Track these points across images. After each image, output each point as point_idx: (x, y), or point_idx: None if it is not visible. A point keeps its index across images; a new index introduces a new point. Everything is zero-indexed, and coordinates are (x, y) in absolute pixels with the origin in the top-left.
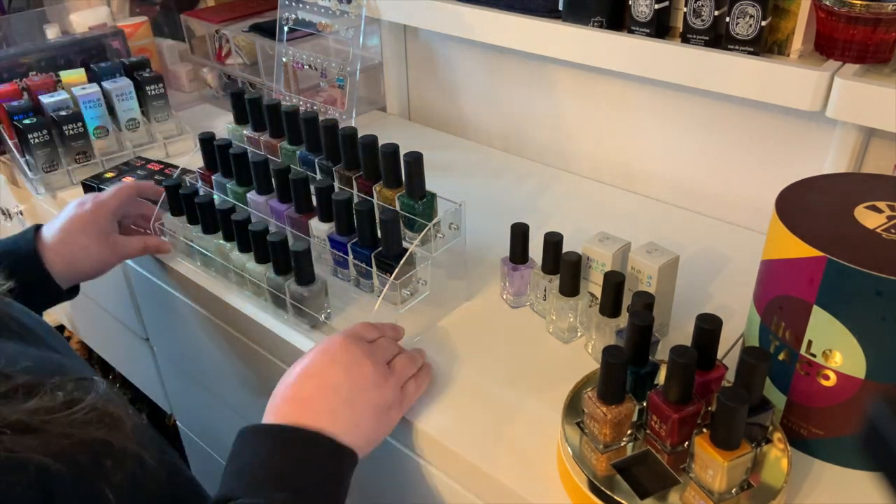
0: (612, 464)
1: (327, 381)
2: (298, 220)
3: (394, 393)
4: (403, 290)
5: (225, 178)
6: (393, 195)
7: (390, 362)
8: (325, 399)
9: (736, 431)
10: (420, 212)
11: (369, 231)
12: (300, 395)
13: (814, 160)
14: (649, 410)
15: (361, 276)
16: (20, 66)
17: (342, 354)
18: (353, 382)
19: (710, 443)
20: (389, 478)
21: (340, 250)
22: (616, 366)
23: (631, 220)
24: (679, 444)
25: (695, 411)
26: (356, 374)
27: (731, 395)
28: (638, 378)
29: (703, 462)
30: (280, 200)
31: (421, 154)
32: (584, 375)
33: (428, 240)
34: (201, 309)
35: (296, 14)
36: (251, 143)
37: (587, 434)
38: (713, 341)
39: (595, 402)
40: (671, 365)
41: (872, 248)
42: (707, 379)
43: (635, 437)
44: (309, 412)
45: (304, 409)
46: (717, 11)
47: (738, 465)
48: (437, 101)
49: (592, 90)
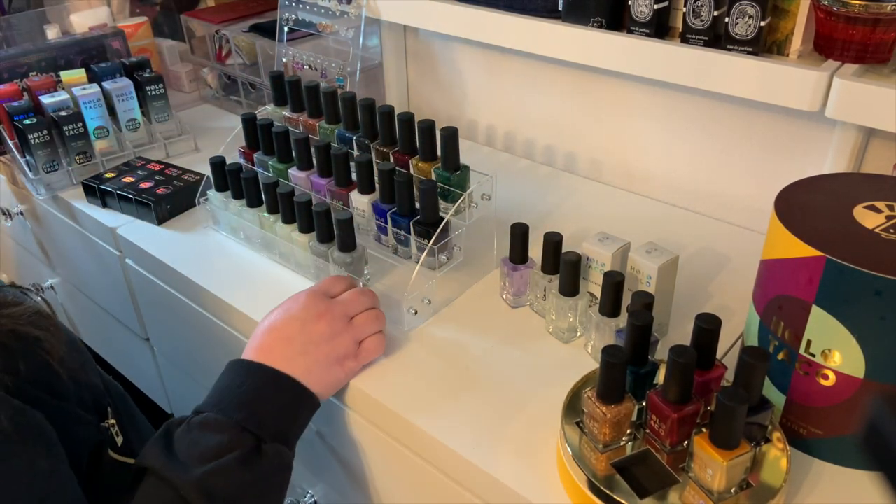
0: (611, 463)
1: (285, 334)
2: (339, 193)
3: (348, 346)
4: (440, 255)
5: (266, 156)
6: (429, 168)
7: (354, 317)
8: (282, 350)
9: (735, 431)
10: (455, 183)
11: (408, 201)
12: (263, 345)
13: (813, 160)
14: (649, 410)
15: (400, 244)
16: (20, 66)
17: (301, 311)
18: (307, 336)
19: (710, 442)
20: (389, 477)
21: (382, 217)
22: (615, 365)
23: (631, 220)
24: (678, 444)
25: (694, 411)
26: (311, 329)
27: (730, 395)
28: (637, 378)
29: (702, 461)
30: (320, 175)
31: (456, 129)
32: (584, 375)
33: (462, 209)
34: (201, 309)
35: (296, 14)
36: (290, 124)
37: (587, 434)
38: (712, 341)
39: (594, 401)
40: (670, 365)
41: (872, 248)
42: (706, 378)
43: (635, 437)
44: (270, 359)
45: (267, 356)
46: (716, 11)
47: (738, 464)
48: (437, 101)
49: (592, 90)
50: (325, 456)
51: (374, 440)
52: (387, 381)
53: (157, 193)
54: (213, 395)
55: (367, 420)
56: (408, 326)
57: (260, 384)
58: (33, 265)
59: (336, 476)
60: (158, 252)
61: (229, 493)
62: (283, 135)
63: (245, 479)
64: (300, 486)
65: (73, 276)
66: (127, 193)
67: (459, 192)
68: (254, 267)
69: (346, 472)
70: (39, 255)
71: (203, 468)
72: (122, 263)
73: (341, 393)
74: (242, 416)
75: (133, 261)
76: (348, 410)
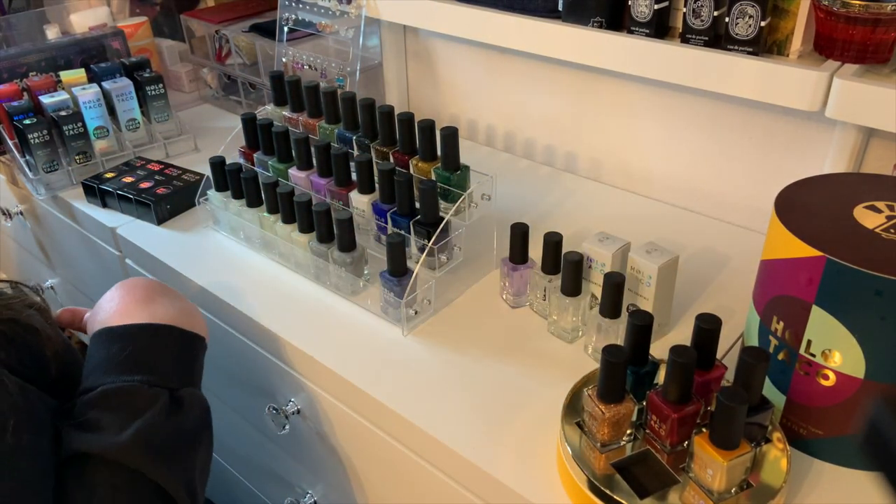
0: (611, 463)
1: (132, 297)
2: (338, 193)
3: None
4: (440, 255)
5: (266, 156)
6: (429, 168)
7: None
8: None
9: (735, 431)
10: (455, 183)
11: (408, 201)
12: (118, 311)
13: (813, 160)
14: (649, 410)
15: None
16: (20, 66)
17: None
18: (150, 291)
19: (710, 442)
20: (389, 477)
21: (382, 217)
22: (616, 365)
23: (631, 220)
24: (678, 444)
25: (694, 411)
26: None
27: (730, 395)
28: (638, 378)
29: (702, 462)
30: (320, 175)
31: (456, 129)
32: (584, 375)
33: (462, 209)
34: (201, 309)
35: (296, 14)
36: (290, 123)
37: (587, 433)
38: (713, 341)
39: (594, 400)
40: (670, 365)
41: (872, 248)
42: (707, 379)
43: (635, 437)
44: (134, 319)
45: (128, 318)
46: (716, 11)
47: (738, 464)
48: (437, 101)
49: (592, 90)
50: (325, 456)
51: (374, 440)
52: (387, 381)
53: (157, 193)
54: (95, 368)
55: (367, 420)
56: (408, 326)
57: (143, 343)
58: (33, 265)
59: (336, 476)
60: (158, 252)
61: (166, 443)
62: (283, 135)
63: (175, 426)
64: (300, 486)
65: (73, 276)
66: (127, 193)
67: (459, 192)
68: (254, 267)
69: (346, 472)
70: (39, 256)
71: (132, 428)
72: (122, 263)
73: (341, 393)
74: (143, 376)
75: (133, 261)
76: (348, 410)
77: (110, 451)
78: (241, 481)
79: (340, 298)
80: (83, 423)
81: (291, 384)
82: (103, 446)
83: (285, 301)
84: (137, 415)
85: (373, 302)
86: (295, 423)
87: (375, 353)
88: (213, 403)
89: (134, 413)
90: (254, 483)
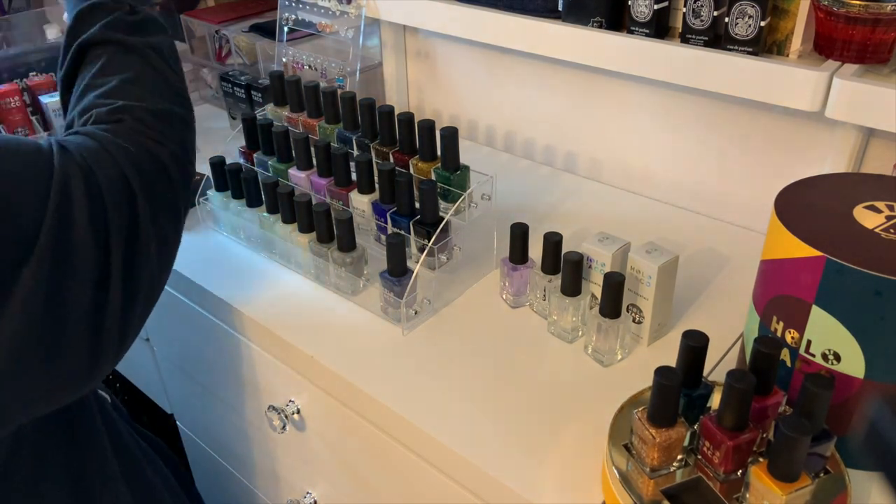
0: (661, 490)
1: None
2: (338, 193)
3: None
4: (440, 255)
5: (266, 156)
6: (429, 168)
7: None
8: None
9: (796, 463)
10: (455, 183)
11: (408, 201)
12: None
13: (813, 160)
14: (702, 435)
15: None
16: (20, 66)
17: None
18: None
19: (768, 473)
20: (389, 477)
21: (382, 217)
22: (668, 388)
23: (631, 220)
24: (733, 472)
25: (751, 439)
26: None
27: (792, 425)
28: (690, 400)
29: (759, 493)
30: (320, 175)
31: (456, 129)
32: (631, 395)
33: (462, 209)
34: (201, 309)
35: (296, 14)
36: (290, 124)
37: (634, 457)
38: (772, 366)
39: (644, 423)
40: (727, 390)
41: (872, 248)
42: (764, 405)
43: (686, 463)
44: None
45: None
46: (716, 12)
47: (797, 497)
48: (437, 101)
49: (592, 90)
50: (325, 456)
51: (373, 440)
52: (386, 381)
53: None
54: None
55: (367, 420)
56: (408, 326)
57: None
58: None
59: (336, 476)
60: None
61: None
62: (283, 135)
63: None
64: (300, 486)
65: None
66: None
67: (459, 192)
68: (254, 267)
69: (345, 471)
70: None
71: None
72: None
73: (341, 393)
74: None
75: None
76: (348, 411)
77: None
78: (241, 481)
79: (340, 298)
80: None
81: (291, 384)
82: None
83: (285, 301)
84: None
85: (373, 302)
86: (295, 423)
87: (375, 353)
88: (213, 403)
89: None
90: (254, 483)
